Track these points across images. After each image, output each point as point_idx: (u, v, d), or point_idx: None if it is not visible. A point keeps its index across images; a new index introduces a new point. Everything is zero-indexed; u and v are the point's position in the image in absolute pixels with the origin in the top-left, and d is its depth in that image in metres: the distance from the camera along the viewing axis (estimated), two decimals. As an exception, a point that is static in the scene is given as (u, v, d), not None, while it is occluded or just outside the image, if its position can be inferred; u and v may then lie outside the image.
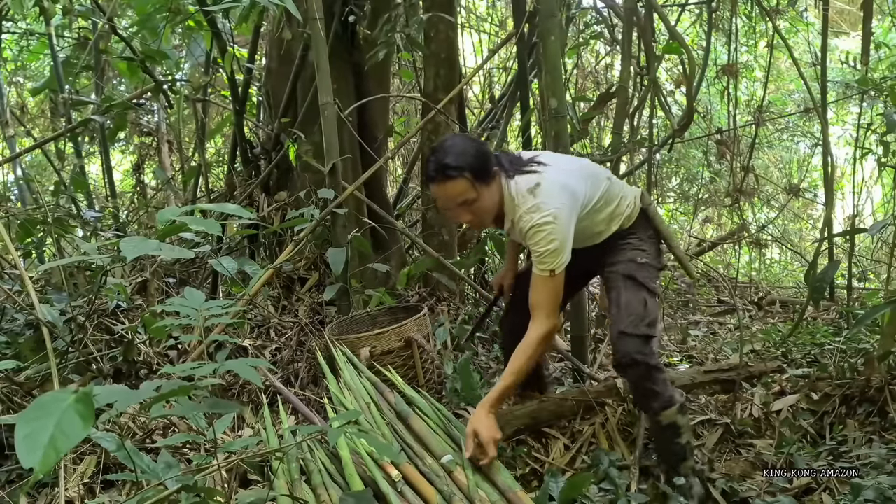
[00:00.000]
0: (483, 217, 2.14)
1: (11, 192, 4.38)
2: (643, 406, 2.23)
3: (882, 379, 2.49)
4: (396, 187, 5.87)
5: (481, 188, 2.06)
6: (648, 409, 2.16)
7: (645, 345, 2.10)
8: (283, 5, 2.73)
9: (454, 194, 2.06)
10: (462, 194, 2.05)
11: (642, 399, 2.18)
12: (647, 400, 2.13)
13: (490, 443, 2.00)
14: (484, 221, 2.18)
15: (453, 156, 2.04)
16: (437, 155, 2.07)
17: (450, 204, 2.10)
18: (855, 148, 4.36)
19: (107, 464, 2.21)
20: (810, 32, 5.91)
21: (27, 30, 5.30)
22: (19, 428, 1.04)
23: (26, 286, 2.55)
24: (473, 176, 2.04)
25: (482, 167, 2.06)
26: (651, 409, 2.14)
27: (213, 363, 1.50)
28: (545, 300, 2.12)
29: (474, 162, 2.05)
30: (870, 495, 1.92)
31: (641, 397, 2.18)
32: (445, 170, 2.03)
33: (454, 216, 2.16)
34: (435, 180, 2.06)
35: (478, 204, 2.08)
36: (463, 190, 2.04)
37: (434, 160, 2.07)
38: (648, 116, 4.58)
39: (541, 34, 3.48)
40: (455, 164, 2.02)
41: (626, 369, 2.13)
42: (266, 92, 4.31)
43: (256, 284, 3.10)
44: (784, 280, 6.89)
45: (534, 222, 2.05)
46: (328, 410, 2.34)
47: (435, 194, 2.12)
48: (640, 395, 2.20)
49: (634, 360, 2.08)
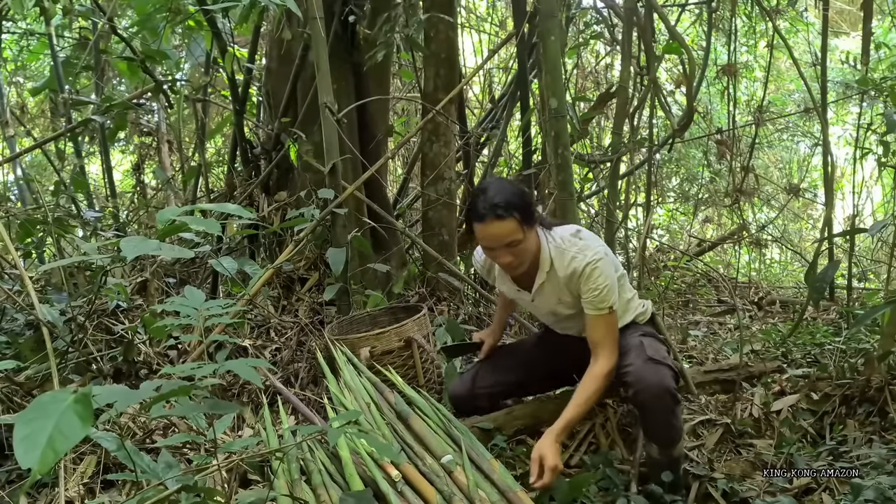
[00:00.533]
0: (523, 259, 2.16)
1: (11, 192, 4.38)
2: (660, 439, 2.12)
3: (882, 379, 2.49)
4: (396, 187, 5.87)
5: (527, 231, 2.11)
6: (665, 444, 2.11)
7: (671, 375, 2.07)
8: (284, 5, 2.73)
9: (502, 234, 2.07)
10: (510, 235, 2.07)
11: (661, 432, 2.10)
12: (666, 433, 2.09)
13: (551, 469, 1.99)
14: (523, 264, 2.18)
15: (503, 196, 2.07)
16: (487, 194, 2.08)
17: (495, 244, 2.11)
18: (855, 148, 4.36)
19: (107, 464, 2.21)
20: (810, 32, 5.91)
21: (27, 30, 5.30)
22: (18, 428, 1.04)
23: (26, 286, 2.55)
24: (522, 217, 2.07)
25: (529, 210, 2.11)
26: (667, 443, 2.10)
27: (213, 363, 1.50)
28: (607, 337, 2.16)
29: (522, 204, 2.09)
30: (870, 495, 1.92)
31: (661, 430, 2.10)
32: (496, 209, 2.05)
33: (496, 256, 2.17)
34: (484, 219, 2.06)
35: (522, 246, 2.11)
36: (511, 231, 2.07)
37: (483, 199, 2.08)
38: (648, 116, 4.57)
39: (541, 34, 3.48)
40: (505, 204, 2.05)
41: (655, 400, 2.04)
42: (266, 92, 4.31)
43: (256, 284, 3.10)
44: (784, 280, 6.89)
45: (587, 260, 2.12)
46: (328, 410, 2.34)
47: (480, 234, 2.12)
48: (659, 428, 2.10)
49: (667, 390, 2.03)
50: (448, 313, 3.70)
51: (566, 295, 2.22)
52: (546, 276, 2.21)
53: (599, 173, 5.29)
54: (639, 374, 2.06)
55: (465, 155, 4.77)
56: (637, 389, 2.05)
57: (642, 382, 2.04)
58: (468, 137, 4.57)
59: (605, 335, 2.15)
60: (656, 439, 2.13)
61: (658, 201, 6.95)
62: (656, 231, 7.31)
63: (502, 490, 1.91)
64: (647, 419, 2.13)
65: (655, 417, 2.08)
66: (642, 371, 2.06)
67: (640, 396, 2.06)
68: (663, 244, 6.66)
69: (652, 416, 2.09)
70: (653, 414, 2.08)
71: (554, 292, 2.24)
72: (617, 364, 2.16)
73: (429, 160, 4.01)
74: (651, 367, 2.07)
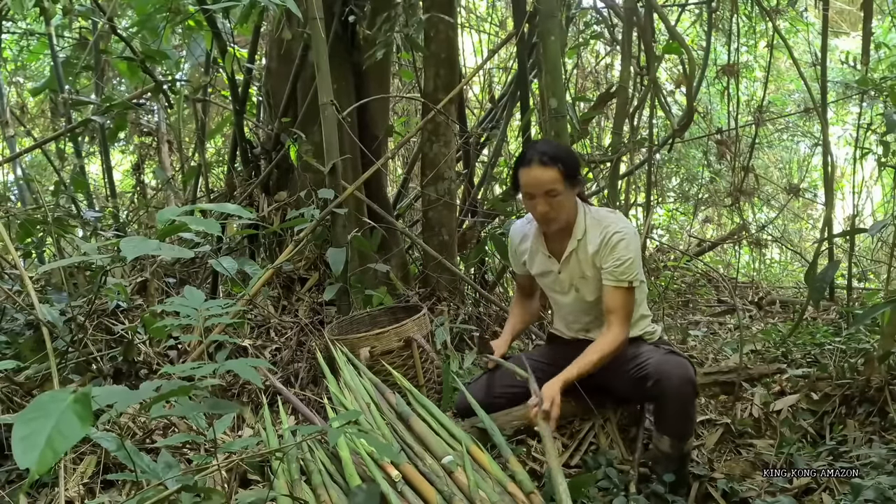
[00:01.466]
0: (559, 213, 2.25)
1: (11, 192, 4.38)
2: (676, 432, 2.13)
3: (882, 379, 2.49)
4: (396, 187, 5.87)
5: (567, 187, 2.21)
6: (679, 436, 2.11)
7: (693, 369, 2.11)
8: (284, 5, 2.72)
9: (544, 181, 2.19)
10: (551, 183, 2.19)
11: (679, 424, 2.11)
12: (683, 425, 2.10)
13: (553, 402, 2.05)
14: (559, 218, 2.26)
15: (551, 148, 2.25)
16: (537, 146, 2.28)
17: (536, 189, 2.21)
18: (855, 148, 4.36)
19: (107, 464, 2.21)
20: (810, 32, 5.91)
21: (27, 30, 5.30)
22: (17, 428, 1.03)
23: (26, 286, 2.55)
24: (565, 171, 2.19)
25: (574, 169, 2.24)
26: (682, 436, 2.11)
27: (213, 363, 1.50)
28: (622, 308, 2.22)
29: (569, 160, 2.23)
30: (870, 495, 1.92)
31: (679, 422, 2.11)
32: (543, 156, 2.19)
33: (535, 205, 2.25)
34: (531, 163, 2.20)
35: (560, 198, 2.21)
36: (552, 179, 2.18)
37: (533, 148, 2.24)
38: (648, 116, 4.57)
39: (541, 34, 3.48)
40: (552, 154, 2.20)
41: (677, 390, 2.05)
42: (266, 92, 4.31)
43: (256, 284, 3.10)
44: (784, 280, 6.88)
45: (618, 229, 2.23)
46: (328, 410, 2.34)
47: (524, 178, 2.23)
48: (677, 420, 2.11)
49: (689, 380, 2.05)
50: (448, 313, 3.70)
51: (590, 269, 2.29)
52: (577, 245, 2.29)
53: (599, 173, 5.28)
54: (660, 365, 2.09)
55: (465, 155, 4.77)
56: (658, 379, 2.07)
57: (665, 373, 2.07)
58: (468, 137, 4.57)
59: (622, 306, 2.22)
60: (672, 431, 2.13)
61: (658, 201, 6.95)
62: (656, 231, 7.31)
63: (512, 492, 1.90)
64: (666, 410, 2.14)
65: (676, 408, 2.09)
66: (663, 362, 2.09)
67: (662, 385, 2.08)
68: (663, 244, 6.66)
69: (673, 406, 2.10)
70: (674, 404, 2.09)
71: (579, 265, 2.31)
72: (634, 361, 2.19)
73: (429, 160, 4.01)
74: (673, 358, 2.12)
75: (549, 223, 2.28)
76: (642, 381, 2.16)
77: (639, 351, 2.24)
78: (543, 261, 2.42)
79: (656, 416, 2.23)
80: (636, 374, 2.17)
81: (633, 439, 2.40)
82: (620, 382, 2.28)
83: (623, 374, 2.23)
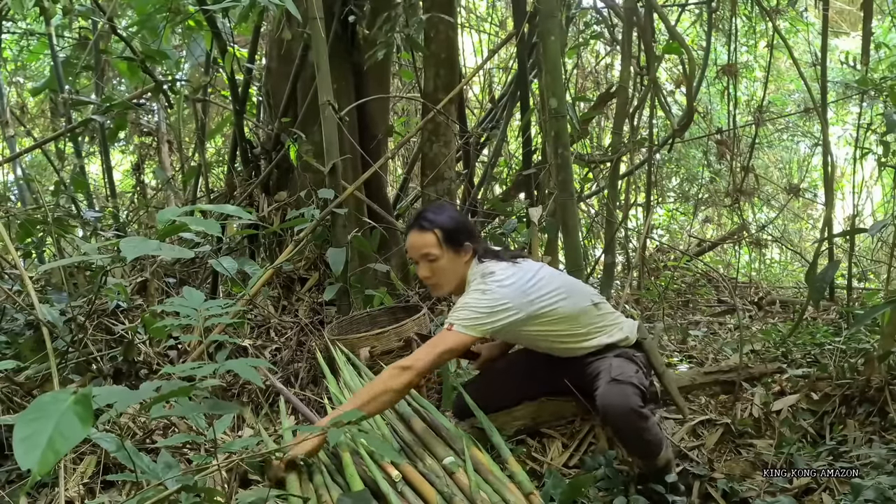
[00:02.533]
0: (440, 279, 2.28)
1: (11, 192, 4.39)
2: (638, 454, 2.13)
3: (882, 379, 2.49)
4: (396, 187, 5.87)
5: (447, 251, 2.23)
6: (644, 457, 2.11)
7: (636, 392, 2.05)
8: (283, 5, 2.73)
9: (419, 245, 2.25)
10: (426, 247, 2.23)
11: (636, 448, 2.10)
12: (642, 448, 2.09)
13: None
14: (441, 284, 2.30)
15: (433, 212, 2.30)
16: (423, 209, 2.36)
17: (414, 254, 2.28)
18: (855, 148, 4.36)
19: (107, 464, 2.21)
20: (810, 32, 5.91)
21: (27, 30, 5.30)
22: (18, 429, 1.04)
23: (26, 286, 2.55)
24: (443, 235, 2.22)
25: (453, 232, 2.24)
26: (646, 456, 2.10)
27: (213, 363, 1.50)
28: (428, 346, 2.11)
29: (448, 224, 2.25)
30: (870, 495, 1.92)
31: (635, 446, 2.10)
32: (421, 220, 2.27)
33: (418, 269, 2.32)
34: (411, 228, 2.29)
35: (438, 263, 2.24)
36: (428, 244, 2.23)
37: (419, 212, 2.34)
38: (648, 116, 4.58)
39: (541, 34, 3.48)
40: (430, 218, 2.26)
41: (620, 419, 2.04)
42: (266, 92, 4.31)
43: (256, 284, 3.10)
44: (784, 280, 6.88)
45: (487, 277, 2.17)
46: (328, 410, 2.34)
47: (407, 242, 2.31)
48: (633, 445, 2.11)
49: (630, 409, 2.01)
50: (447, 313, 3.70)
51: None
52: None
53: (599, 173, 5.28)
54: (603, 397, 2.07)
55: (465, 155, 4.77)
56: (602, 411, 2.07)
57: (607, 404, 2.05)
58: (468, 137, 4.57)
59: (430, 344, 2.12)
60: (635, 454, 2.15)
61: (658, 201, 6.94)
62: (656, 231, 7.31)
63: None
64: (619, 437, 2.18)
65: (625, 435, 2.10)
66: (606, 393, 2.07)
67: (607, 417, 2.09)
68: (663, 244, 6.66)
69: (622, 434, 2.11)
70: (622, 432, 2.10)
71: None
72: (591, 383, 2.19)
73: (429, 160, 4.01)
74: (615, 388, 2.06)
75: (431, 288, 2.37)
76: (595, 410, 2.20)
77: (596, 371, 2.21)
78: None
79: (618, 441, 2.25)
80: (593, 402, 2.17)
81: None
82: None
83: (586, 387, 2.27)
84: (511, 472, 1.99)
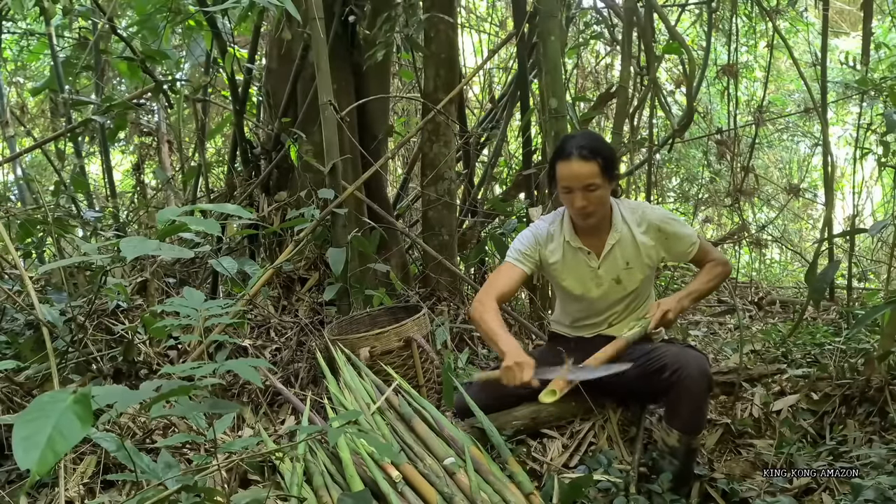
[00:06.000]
0: (597, 207, 2.24)
1: (11, 192, 4.38)
2: (687, 425, 2.10)
3: (882, 379, 2.49)
4: (396, 187, 5.87)
5: (606, 181, 2.21)
6: (690, 431, 2.10)
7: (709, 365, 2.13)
8: (283, 5, 2.73)
9: (583, 175, 2.17)
10: (590, 178, 2.17)
11: (692, 417, 2.09)
12: (695, 419, 2.09)
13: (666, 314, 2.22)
14: (596, 213, 2.26)
15: (592, 142, 2.22)
16: (576, 139, 2.23)
17: (575, 183, 2.19)
18: (855, 148, 4.36)
19: (107, 464, 2.21)
20: (810, 32, 5.90)
21: (27, 30, 5.30)
22: (17, 429, 1.03)
23: (26, 286, 2.55)
24: (604, 165, 2.18)
25: (612, 163, 2.23)
26: (692, 430, 2.10)
27: (213, 363, 1.49)
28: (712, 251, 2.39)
29: (608, 155, 2.22)
30: (870, 495, 1.92)
31: (692, 415, 2.09)
32: (583, 150, 2.17)
33: (572, 199, 2.23)
34: (570, 157, 2.18)
35: (598, 192, 2.20)
36: (592, 174, 2.17)
37: (572, 141, 2.21)
38: (648, 116, 4.58)
39: (541, 34, 3.48)
40: (592, 148, 2.18)
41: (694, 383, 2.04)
42: (266, 92, 4.31)
43: (256, 284, 3.10)
44: (784, 280, 6.89)
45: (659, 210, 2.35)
46: (328, 410, 2.34)
47: (563, 172, 2.21)
48: (691, 413, 2.10)
49: (706, 374, 2.05)
50: (448, 313, 3.70)
51: (636, 255, 2.31)
52: (618, 238, 2.30)
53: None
54: (678, 358, 2.08)
55: (465, 155, 4.77)
56: (676, 370, 2.06)
57: (683, 365, 2.05)
58: (468, 137, 4.57)
59: (709, 251, 2.37)
60: (682, 425, 2.11)
61: (658, 201, 6.94)
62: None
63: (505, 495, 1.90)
64: (680, 403, 2.11)
65: (691, 401, 2.08)
66: (682, 355, 2.08)
67: (680, 376, 2.05)
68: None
69: (688, 399, 2.08)
70: (689, 397, 2.08)
71: (623, 255, 2.31)
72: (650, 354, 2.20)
73: (429, 160, 4.01)
74: (691, 352, 2.13)
75: (586, 217, 2.26)
76: (657, 374, 2.13)
77: (653, 346, 2.23)
78: (579, 257, 2.35)
79: (668, 410, 2.20)
80: (651, 367, 2.15)
81: (633, 439, 2.39)
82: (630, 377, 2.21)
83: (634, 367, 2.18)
84: (511, 472, 1.99)
